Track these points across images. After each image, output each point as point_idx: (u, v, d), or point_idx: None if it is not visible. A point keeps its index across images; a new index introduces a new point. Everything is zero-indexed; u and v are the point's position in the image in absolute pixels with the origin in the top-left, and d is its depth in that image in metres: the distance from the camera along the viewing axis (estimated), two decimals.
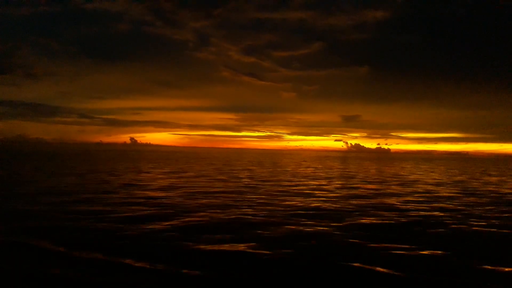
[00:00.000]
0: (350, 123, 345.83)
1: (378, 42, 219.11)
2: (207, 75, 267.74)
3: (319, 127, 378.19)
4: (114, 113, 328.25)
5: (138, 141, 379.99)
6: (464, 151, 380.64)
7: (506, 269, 6.11)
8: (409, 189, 18.36)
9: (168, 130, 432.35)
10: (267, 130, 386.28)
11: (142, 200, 12.22)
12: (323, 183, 20.68)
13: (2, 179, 18.35)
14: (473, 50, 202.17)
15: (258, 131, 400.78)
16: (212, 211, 10.60)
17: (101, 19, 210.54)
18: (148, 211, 10.35)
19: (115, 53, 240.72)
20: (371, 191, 16.97)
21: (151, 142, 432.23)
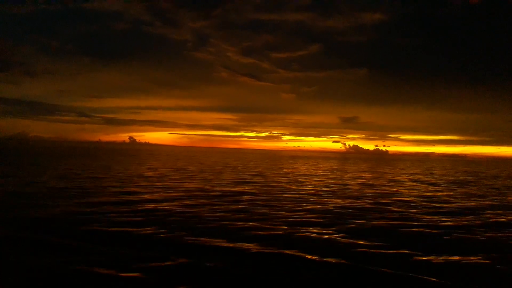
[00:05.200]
0: (348, 125, 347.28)
1: (376, 44, 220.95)
2: (205, 75, 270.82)
3: (318, 128, 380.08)
4: (113, 112, 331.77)
5: (137, 140, 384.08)
6: (462, 154, 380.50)
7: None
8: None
9: (166, 130, 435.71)
10: (266, 131, 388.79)
11: None
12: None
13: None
14: (472, 53, 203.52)
15: (257, 131, 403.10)
16: None
17: (100, 18, 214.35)
18: None
19: (114, 52, 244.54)
20: None
21: (150, 142, 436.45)
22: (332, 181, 23.35)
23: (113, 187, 15.79)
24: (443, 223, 10.48)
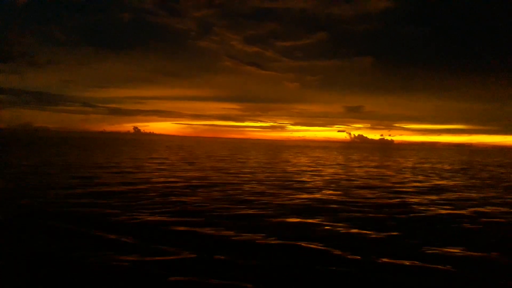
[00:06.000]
0: (353, 114, 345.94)
1: (381, 32, 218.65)
2: (210, 65, 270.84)
3: (323, 117, 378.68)
4: (117, 102, 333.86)
5: (142, 130, 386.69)
6: (468, 143, 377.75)
7: None
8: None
9: (171, 120, 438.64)
10: (270, 121, 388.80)
11: None
12: None
13: None
14: (479, 42, 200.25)
15: (261, 121, 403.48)
16: None
17: (103, 7, 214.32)
18: None
19: (118, 42, 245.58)
20: None
21: (154, 132, 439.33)
22: (309, 171, 23.19)
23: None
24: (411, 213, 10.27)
